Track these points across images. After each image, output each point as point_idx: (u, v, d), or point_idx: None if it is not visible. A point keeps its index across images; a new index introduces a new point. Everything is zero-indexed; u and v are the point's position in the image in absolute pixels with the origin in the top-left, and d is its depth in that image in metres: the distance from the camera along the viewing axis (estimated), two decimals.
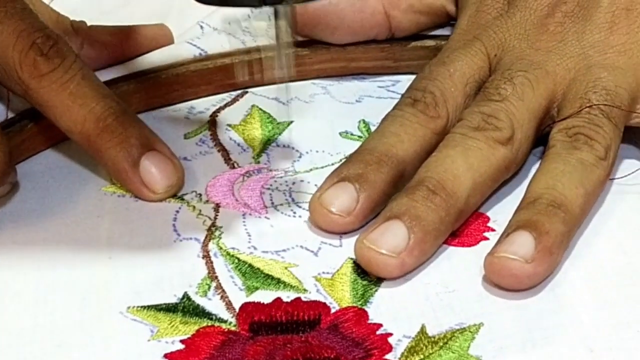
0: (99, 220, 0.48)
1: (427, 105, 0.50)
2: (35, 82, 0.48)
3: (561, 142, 0.48)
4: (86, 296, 0.44)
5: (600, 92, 0.49)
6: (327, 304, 0.43)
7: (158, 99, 0.56)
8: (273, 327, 0.42)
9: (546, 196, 0.45)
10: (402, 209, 0.45)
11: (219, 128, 0.55)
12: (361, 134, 0.54)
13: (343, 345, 0.41)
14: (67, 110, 0.48)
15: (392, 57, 0.58)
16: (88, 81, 0.49)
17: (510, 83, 0.49)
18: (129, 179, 0.49)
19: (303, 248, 0.46)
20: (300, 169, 0.51)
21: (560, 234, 0.44)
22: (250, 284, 0.44)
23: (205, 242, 0.47)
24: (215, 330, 0.42)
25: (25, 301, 0.44)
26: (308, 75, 0.58)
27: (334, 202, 0.47)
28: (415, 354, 0.41)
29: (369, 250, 0.44)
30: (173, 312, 0.43)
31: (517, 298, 0.43)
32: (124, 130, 0.49)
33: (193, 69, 0.56)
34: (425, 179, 0.46)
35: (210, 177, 0.51)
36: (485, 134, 0.48)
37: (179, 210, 0.49)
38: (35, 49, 0.47)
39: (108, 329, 0.42)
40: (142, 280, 0.45)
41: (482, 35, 0.52)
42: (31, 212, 0.48)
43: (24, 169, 0.51)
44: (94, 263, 0.45)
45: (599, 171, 0.47)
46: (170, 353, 0.41)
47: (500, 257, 0.43)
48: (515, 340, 0.41)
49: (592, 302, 0.43)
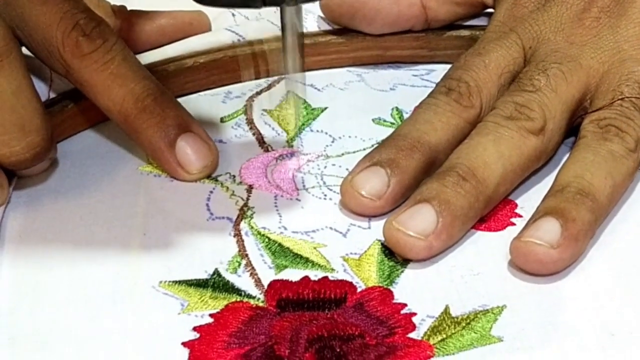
0: (134, 199, 0.49)
1: (461, 94, 0.50)
2: (77, 61, 0.49)
3: (592, 133, 0.48)
4: (120, 270, 0.45)
5: (632, 85, 0.49)
6: (353, 284, 0.44)
7: (196, 82, 0.57)
8: (300, 304, 0.43)
9: (574, 184, 0.46)
10: (432, 193, 0.46)
11: (255, 112, 0.56)
12: (394, 121, 0.55)
13: (367, 323, 0.42)
14: (107, 90, 0.49)
15: (428, 46, 0.59)
16: (128, 62, 0.50)
17: (544, 74, 0.50)
18: (165, 159, 0.50)
19: (332, 229, 0.47)
20: (332, 153, 0.52)
21: (586, 222, 0.45)
22: (280, 262, 0.45)
23: (237, 222, 0.48)
24: (243, 306, 0.43)
25: (61, 274, 0.45)
26: (344, 63, 0.59)
27: (365, 185, 0.47)
28: (438, 334, 0.42)
29: (398, 232, 0.45)
30: (203, 287, 0.44)
31: (541, 282, 0.44)
32: (161, 111, 0.50)
33: (231, 54, 0.57)
34: (456, 165, 0.47)
35: (244, 160, 0.52)
36: (517, 124, 0.48)
37: (213, 191, 0.50)
38: (78, 29, 0.49)
39: (140, 302, 0.43)
40: (174, 257, 0.46)
41: (518, 27, 0.53)
42: (69, 189, 0.50)
43: (63, 148, 0.52)
44: (128, 239, 0.47)
45: (629, 163, 0.47)
46: (199, 326, 0.42)
47: (527, 241, 0.44)
48: (537, 323, 0.42)
49: (615, 288, 0.44)
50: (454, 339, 0.41)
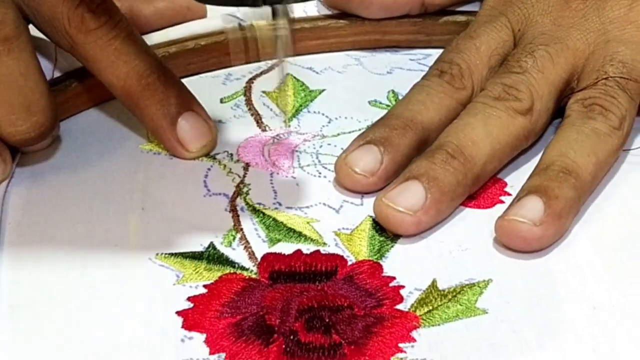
0: (134, 175, 0.51)
1: (454, 76, 0.52)
2: (82, 37, 0.50)
3: (576, 112, 0.49)
4: (118, 242, 0.46)
5: (617, 65, 0.50)
6: (344, 257, 0.45)
7: (197, 64, 0.58)
8: (291, 276, 0.44)
9: (558, 163, 0.47)
10: (421, 171, 0.47)
11: (254, 94, 0.57)
12: (389, 103, 0.56)
13: (357, 295, 0.43)
14: (111, 66, 0.50)
15: (425, 31, 0.60)
16: (133, 39, 0.51)
17: (531, 56, 0.51)
18: (165, 136, 0.51)
19: (325, 205, 0.49)
20: (328, 133, 0.53)
21: (569, 199, 0.46)
22: (273, 236, 0.47)
23: (233, 198, 0.49)
24: (237, 277, 0.44)
25: (61, 243, 0.46)
26: (343, 47, 0.60)
27: (358, 163, 0.49)
28: (425, 305, 0.43)
29: (387, 208, 0.46)
30: (198, 260, 0.45)
31: (527, 258, 0.45)
32: (164, 89, 0.51)
33: (232, 37, 0.59)
34: (445, 144, 0.48)
35: (242, 139, 0.53)
36: (505, 104, 0.49)
37: (211, 168, 0.51)
38: (84, 5, 0.50)
39: (137, 273, 0.45)
40: (171, 230, 0.47)
41: (507, 10, 0.54)
42: (71, 165, 0.51)
43: (67, 126, 0.54)
44: (127, 213, 0.48)
45: (613, 140, 0.48)
46: (193, 296, 0.43)
47: (510, 219, 0.45)
48: (522, 296, 0.43)
49: (598, 263, 0.45)
50: (440, 311, 0.43)
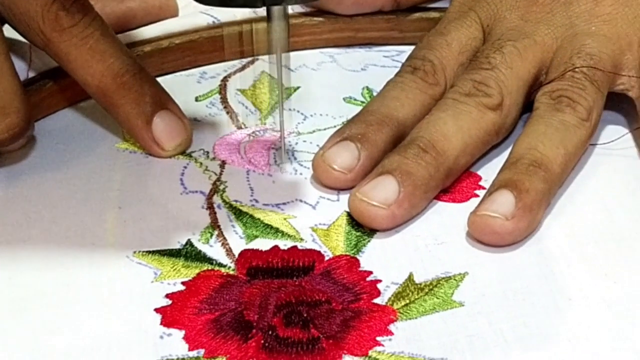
0: (111, 174, 0.51)
1: (426, 72, 0.52)
2: (56, 35, 0.50)
3: (545, 104, 0.50)
4: (95, 241, 0.46)
5: (584, 57, 0.51)
6: (321, 252, 0.46)
7: (172, 63, 0.58)
8: (269, 272, 0.45)
9: (527, 156, 0.47)
10: (394, 165, 0.47)
11: (229, 92, 0.57)
12: (364, 100, 0.56)
13: (334, 290, 0.44)
14: (86, 64, 0.51)
15: (398, 27, 0.61)
16: (107, 38, 0.51)
17: (500, 52, 0.51)
18: (141, 135, 0.51)
19: (302, 202, 0.49)
20: (303, 130, 0.54)
21: (540, 191, 0.46)
22: (250, 232, 0.47)
23: (209, 195, 0.49)
24: (214, 274, 0.45)
25: (38, 243, 0.46)
26: (316, 45, 0.61)
27: (336, 159, 0.49)
28: (402, 299, 0.43)
29: (361, 202, 0.46)
30: (176, 257, 0.46)
31: (502, 251, 0.45)
32: (139, 88, 0.51)
33: (206, 35, 0.59)
34: (417, 138, 0.48)
35: (218, 137, 0.53)
36: (475, 100, 0.50)
37: (187, 166, 0.51)
38: (58, 3, 0.50)
39: (114, 271, 0.45)
40: (148, 228, 0.47)
41: (476, 6, 0.55)
42: (47, 165, 0.51)
43: (42, 126, 0.54)
44: (104, 212, 0.48)
45: (581, 132, 0.49)
46: (171, 293, 0.44)
47: (482, 215, 0.45)
48: (498, 289, 0.44)
49: (572, 255, 0.45)
50: (417, 304, 0.43)
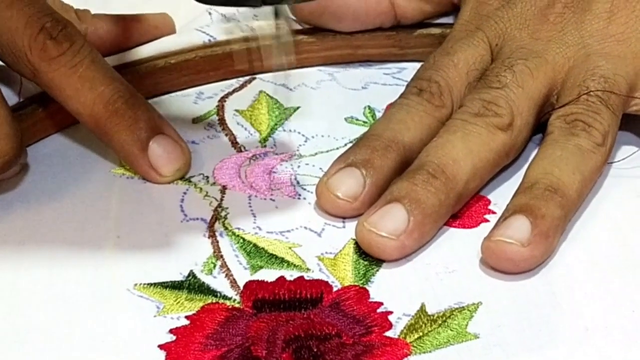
0: (107, 201, 0.49)
1: (433, 94, 0.51)
2: (44, 65, 0.49)
3: (559, 128, 0.49)
4: (95, 273, 0.45)
5: (598, 80, 0.50)
6: (329, 283, 0.44)
7: (167, 84, 0.57)
8: (276, 305, 0.43)
9: (543, 181, 0.46)
10: (402, 193, 0.46)
11: (227, 113, 0.56)
12: (366, 120, 0.55)
13: (344, 323, 0.42)
14: (77, 93, 0.49)
15: (398, 44, 0.59)
16: (97, 65, 0.50)
17: (510, 71, 0.50)
18: (137, 162, 0.50)
19: (307, 229, 0.47)
20: (305, 152, 0.52)
21: (556, 218, 0.45)
22: (255, 262, 0.45)
23: (211, 223, 0.48)
24: (219, 307, 0.43)
25: (36, 278, 0.45)
26: (315, 62, 0.59)
27: (340, 187, 0.47)
28: (415, 332, 0.42)
29: (370, 233, 0.45)
30: (179, 289, 0.44)
31: (516, 279, 0.44)
32: (132, 114, 0.50)
33: (202, 54, 0.57)
34: (425, 163, 0.47)
35: (217, 160, 0.52)
36: (485, 120, 0.48)
37: (187, 192, 0.50)
38: (45, 32, 0.48)
39: (115, 305, 0.43)
40: (149, 259, 0.46)
41: (484, 25, 0.53)
42: (41, 193, 0.49)
43: (34, 152, 0.52)
44: (102, 242, 0.47)
45: (596, 157, 0.48)
46: (175, 328, 0.42)
47: (497, 240, 0.44)
48: (512, 319, 0.42)
49: (588, 283, 0.44)
50: (431, 337, 0.42)
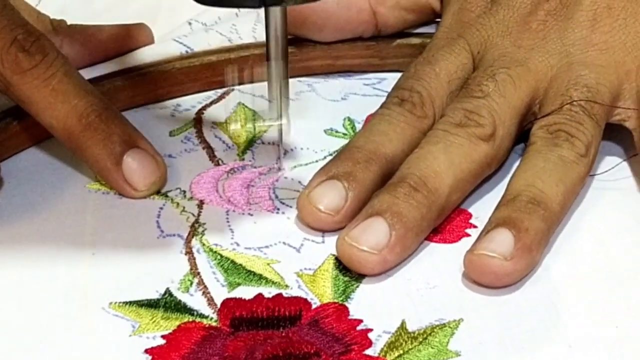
0: (82, 217, 0.48)
1: (415, 104, 0.50)
2: (16, 78, 0.48)
3: (542, 138, 0.48)
4: (69, 292, 0.44)
5: (581, 89, 0.49)
6: (308, 300, 0.43)
7: (144, 96, 0.56)
8: (254, 323, 0.42)
9: (526, 193, 0.45)
10: (384, 206, 0.45)
11: (205, 126, 0.55)
12: (346, 132, 0.54)
13: (323, 341, 0.41)
14: (49, 107, 0.48)
15: (378, 54, 0.58)
16: (70, 77, 0.49)
17: (493, 80, 0.49)
18: (111, 176, 0.49)
19: (285, 244, 0.47)
20: (284, 166, 0.52)
21: (539, 231, 0.44)
22: (232, 280, 0.45)
23: (188, 239, 0.47)
24: (196, 326, 0.42)
25: (8, 297, 0.44)
26: (294, 73, 0.58)
27: (322, 200, 0.47)
28: (395, 349, 0.41)
29: (351, 247, 0.44)
30: (155, 308, 0.43)
31: (498, 294, 0.43)
32: (106, 128, 0.49)
33: (179, 66, 0.56)
34: (407, 176, 0.46)
35: (194, 174, 0.51)
36: (467, 130, 0.48)
37: (163, 207, 0.49)
38: (17, 45, 0.48)
39: (90, 325, 0.42)
40: (124, 277, 0.45)
41: (465, 33, 0.53)
42: (15, 209, 0.49)
43: (7, 167, 0.51)
44: (77, 259, 0.46)
45: (579, 168, 0.47)
46: (151, 348, 0.41)
47: (480, 254, 0.43)
48: (494, 336, 0.42)
49: (571, 297, 0.43)
50: (411, 355, 0.41)
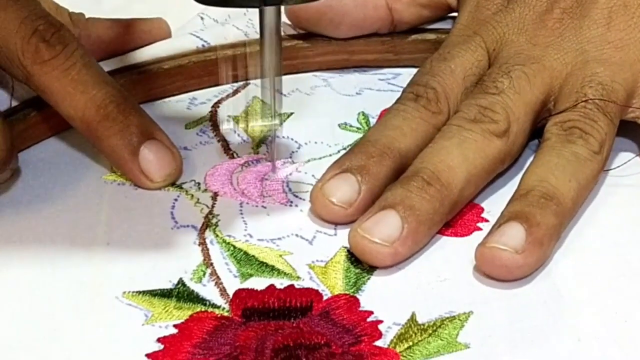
0: (98, 208, 0.49)
1: (429, 100, 0.50)
2: (37, 68, 0.48)
3: (556, 135, 0.48)
4: (83, 281, 0.44)
5: (596, 87, 0.49)
6: (319, 292, 0.44)
7: (160, 89, 0.56)
8: (265, 313, 0.43)
9: (539, 188, 0.45)
10: (397, 199, 0.45)
11: (220, 119, 0.55)
12: (360, 126, 0.54)
13: (333, 332, 0.42)
14: (68, 97, 0.49)
15: (393, 50, 0.59)
16: (90, 68, 0.49)
17: (507, 76, 0.49)
18: (127, 167, 0.49)
19: (298, 237, 0.47)
20: (298, 159, 0.52)
21: (551, 226, 0.44)
22: (245, 271, 0.45)
23: (201, 230, 0.47)
24: (208, 316, 0.43)
25: (23, 286, 0.44)
26: (309, 68, 0.59)
27: (335, 193, 0.47)
28: (405, 341, 0.41)
29: (363, 239, 0.44)
30: (167, 298, 0.44)
31: (508, 288, 0.44)
32: (124, 119, 0.49)
33: (195, 60, 0.57)
34: (420, 170, 0.46)
35: (209, 167, 0.51)
36: (481, 126, 0.48)
37: (177, 199, 0.49)
38: (38, 35, 0.48)
39: (103, 314, 0.43)
40: (138, 267, 0.45)
41: (481, 30, 0.53)
42: (32, 199, 0.49)
43: (26, 157, 0.52)
44: (92, 249, 0.46)
45: (593, 165, 0.47)
46: (163, 337, 0.42)
47: (491, 247, 0.44)
48: (504, 329, 0.42)
49: (581, 292, 0.43)
50: (421, 347, 0.41)
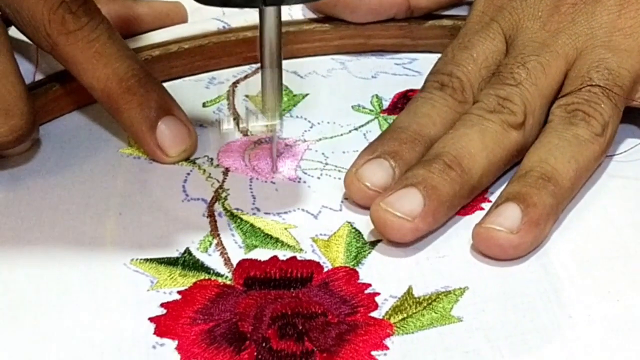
0: (113, 179, 0.50)
1: (455, 89, 0.51)
2: (62, 38, 0.50)
3: (559, 117, 0.49)
4: (94, 247, 0.46)
5: (602, 72, 0.50)
6: (320, 264, 0.45)
7: (180, 68, 0.58)
8: (266, 283, 0.44)
9: (537, 169, 0.46)
10: (419, 179, 0.46)
11: (237, 98, 0.57)
12: (372, 108, 0.55)
13: (331, 302, 0.43)
14: (91, 68, 0.50)
15: (410, 35, 0.60)
16: (114, 41, 0.51)
17: (524, 68, 0.50)
18: (144, 140, 0.51)
19: (304, 211, 0.48)
20: (309, 138, 0.53)
21: (548, 206, 0.45)
22: (250, 242, 0.46)
23: (211, 203, 0.49)
24: (211, 284, 0.44)
25: (36, 247, 0.46)
26: (328, 51, 0.60)
27: (370, 178, 0.48)
28: (399, 313, 0.42)
29: (386, 213, 0.45)
30: (173, 265, 0.45)
31: (504, 265, 0.45)
32: (145, 93, 0.51)
33: (216, 40, 0.58)
34: (442, 154, 0.47)
35: (223, 144, 0.53)
36: (500, 117, 0.49)
37: (190, 173, 0.51)
38: (65, 6, 0.49)
39: (111, 278, 0.44)
40: (147, 236, 0.47)
41: (498, 16, 0.54)
42: (50, 169, 0.51)
43: (47, 130, 0.53)
44: (104, 218, 0.48)
45: (594, 147, 0.48)
46: (166, 302, 0.43)
47: (487, 227, 0.44)
48: (497, 304, 0.43)
49: (576, 271, 0.44)
50: (414, 319, 0.42)
